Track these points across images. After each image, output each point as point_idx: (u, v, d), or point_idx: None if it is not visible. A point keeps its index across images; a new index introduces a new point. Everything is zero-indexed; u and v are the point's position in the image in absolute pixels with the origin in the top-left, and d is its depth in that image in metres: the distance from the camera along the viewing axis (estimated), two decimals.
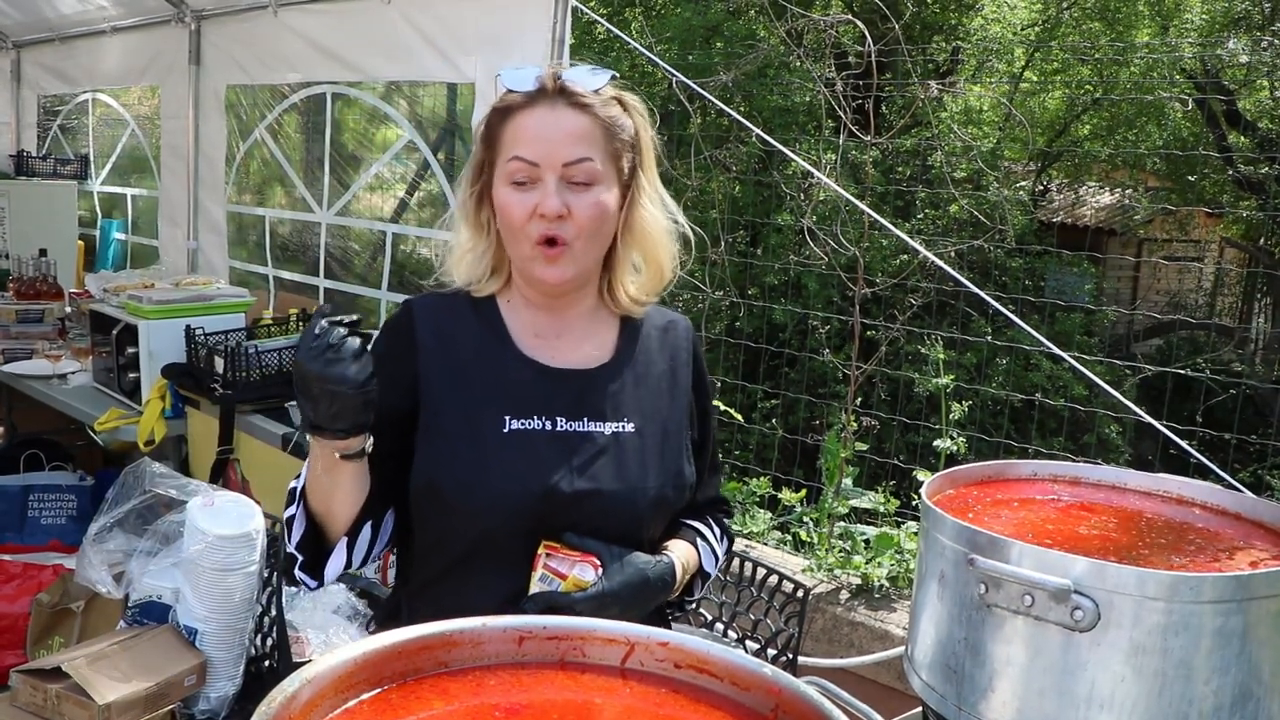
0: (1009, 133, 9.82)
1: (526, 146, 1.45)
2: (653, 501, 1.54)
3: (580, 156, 1.45)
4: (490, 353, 1.54)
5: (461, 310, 1.57)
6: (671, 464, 1.57)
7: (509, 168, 1.46)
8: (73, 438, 4.43)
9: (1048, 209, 11.34)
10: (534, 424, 1.50)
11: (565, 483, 1.47)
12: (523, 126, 1.47)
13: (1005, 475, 1.47)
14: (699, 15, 9.17)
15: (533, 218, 1.45)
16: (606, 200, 1.48)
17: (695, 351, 1.68)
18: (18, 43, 6.17)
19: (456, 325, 1.56)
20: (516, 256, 1.52)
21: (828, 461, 3.69)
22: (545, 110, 1.47)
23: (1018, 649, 1.13)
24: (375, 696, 0.93)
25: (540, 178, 1.45)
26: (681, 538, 1.63)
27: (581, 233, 1.46)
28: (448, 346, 1.54)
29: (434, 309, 1.58)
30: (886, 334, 4.10)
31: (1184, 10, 10.27)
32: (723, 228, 5.08)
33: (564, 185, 1.45)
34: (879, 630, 3.13)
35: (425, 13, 3.69)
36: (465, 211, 1.57)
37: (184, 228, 5.04)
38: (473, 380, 1.52)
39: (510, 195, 1.46)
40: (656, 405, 1.58)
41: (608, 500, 1.49)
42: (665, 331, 1.65)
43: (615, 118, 1.50)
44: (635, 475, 1.52)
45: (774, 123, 8.24)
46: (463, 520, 1.47)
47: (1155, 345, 10.64)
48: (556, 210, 1.43)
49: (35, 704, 2.63)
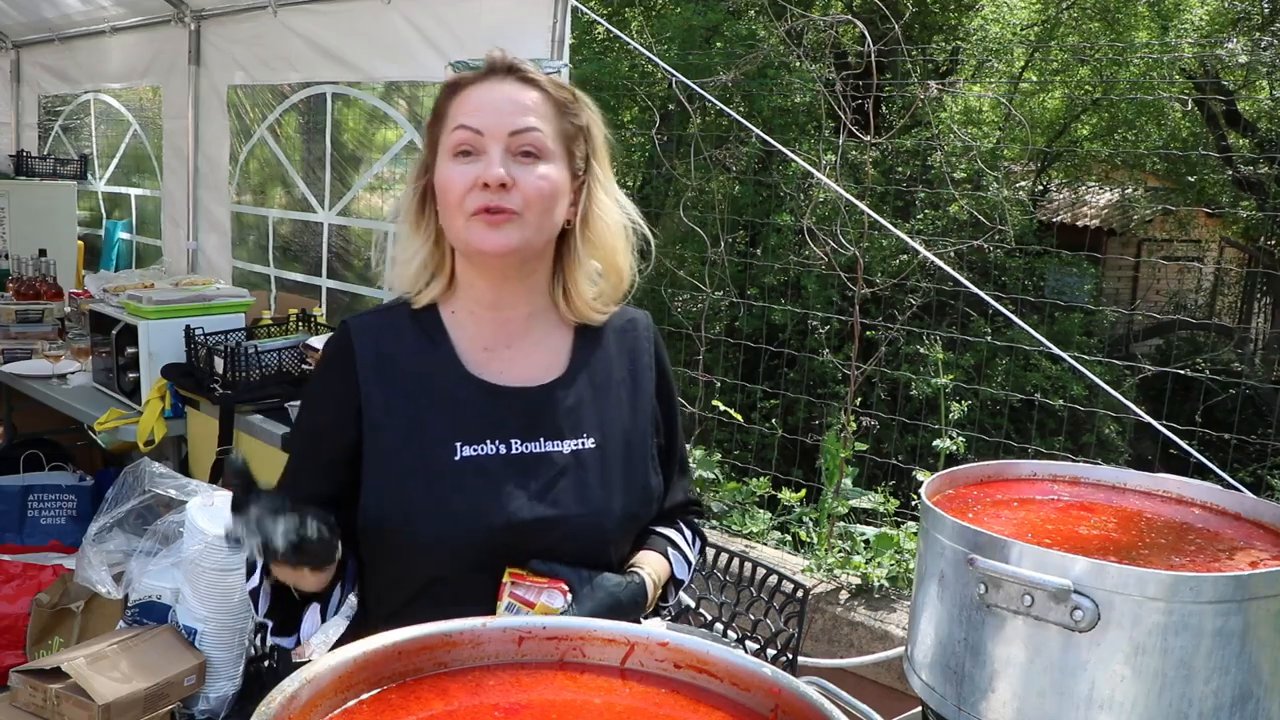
0: (1009, 133, 9.82)
1: (472, 115, 1.37)
2: (619, 521, 1.46)
3: (528, 125, 1.37)
4: (435, 373, 1.44)
5: (402, 327, 1.47)
6: (637, 479, 1.49)
7: (453, 139, 1.38)
8: (72, 438, 4.43)
9: (1048, 209, 11.34)
10: (487, 449, 1.40)
11: (525, 510, 1.39)
12: (469, 98, 1.39)
13: (1005, 475, 1.47)
14: (699, 15, 9.17)
15: (474, 188, 1.35)
16: (555, 176, 1.38)
17: (658, 351, 1.59)
18: (17, 43, 6.17)
19: (398, 345, 1.45)
20: (455, 232, 1.40)
21: (827, 461, 3.69)
22: (494, 83, 1.40)
23: (1018, 649, 1.13)
24: (375, 696, 0.93)
25: (484, 148, 1.36)
26: (652, 548, 1.55)
27: (528, 204, 1.36)
28: (390, 370, 1.44)
29: (373, 328, 1.47)
30: (886, 334, 4.11)
31: (1184, 10, 10.27)
32: (722, 228, 5.08)
33: (509, 156, 1.36)
34: (879, 630, 3.13)
35: (425, 13, 3.69)
36: (407, 209, 1.47)
37: (185, 228, 5.05)
38: (418, 405, 1.42)
39: (452, 169, 1.37)
40: (618, 417, 1.49)
41: (572, 525, 1.41)
42: (624, 333, 1.55)
43: (567, 99, 1.43)
44: (599, 495, 1.44)
45: (774, 123, 8.24)
46: (417, 558, 1.39)
47: (1155, 345, 10.64)
48: (500, 178, 1.34)
49: (35, 704, 2.63)
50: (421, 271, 1.46)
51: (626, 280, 1.52)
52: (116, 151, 6.03)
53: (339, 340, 1.49)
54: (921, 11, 9.91)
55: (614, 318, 1.55)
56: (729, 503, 4.06)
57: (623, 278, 1.51)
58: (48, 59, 6.03)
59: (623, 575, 1.46)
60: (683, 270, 4.97)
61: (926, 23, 10.40)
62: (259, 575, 1.40)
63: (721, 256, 4.54)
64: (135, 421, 3.52)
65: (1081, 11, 10.68)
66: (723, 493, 4.10)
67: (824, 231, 4.01)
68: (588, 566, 1.41)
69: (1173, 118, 10.50)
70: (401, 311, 1.48)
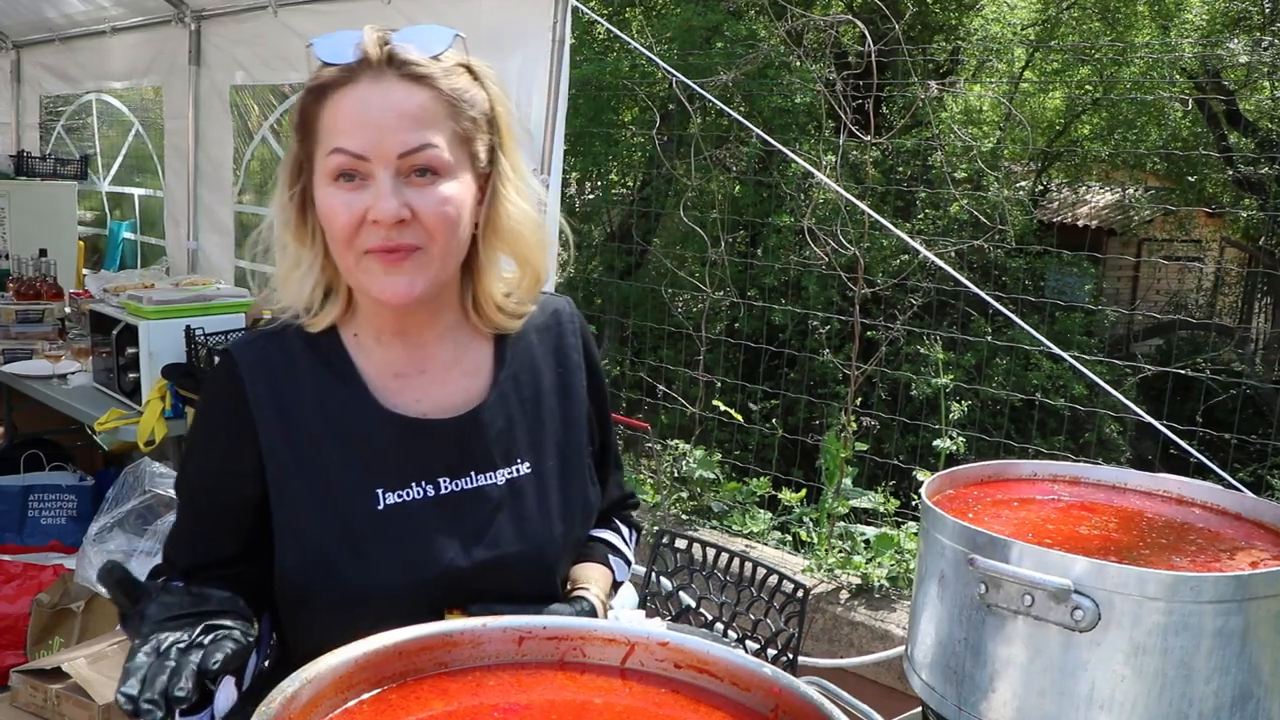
0: (1009, 133, 9.82)
1: (350, 135, 1.14)
2: (562, 549, 1.34)
3: (421, 143, 1.15)
4: (345, 410, 1.24)
5: (297, 354, 1.25)
6: (577, 496, 1.36)
7: (330, 163, 1.16)
8: (73, 438, 4.43)
9: (1048, 209, 11.34)
10: (413, 493, 1.23)
11: (461, 557, 1.23)
12: (344, 110, 1.16)
13: (1005, 475, 1.47)
14: (699, 16, 9.17)
15: (364, 225, 1.15)
16: (457, 194, 1.18)
17: (585, 343, 1.42)
18: (18, 43, 6.17)
19: (297, 378, 1.24)
20: (347, 270, 1.20)
21: (827, 461, 3.69)
22: (370, 86, 1.15)
23: (1018, 649, 1.13)
24: (375, 697, 0.93)
25: (371, 173, 1.14)
26: (591, 558, 1.43)
27: (433, 237, 1.16)
28: (289, 409, 1.23)
29: (264, 359, 1.25)
30: (886, 334, 4.11)
31: (1184, 10, 10.27)
32: (723, 228, 5.08)
33: (401, 181, 1.15)
34: (879, 630, 3.13)
35: (425, 13, 3.69)
36: (285, 218, 1.24)
37: (186, 228, 5.05)
38: (329, 451, 1.22)
39: (334, 196, 1.16)
40: (551, 432, 1.34)
41: (514, 564, 1.27)
42: (547, 330, 1.38)
43: (462, 90, 1.19)
44: (539, 526, 1.30)
45: (774, 123, 8.24)
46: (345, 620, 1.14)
47: (1155, 345, 10.65)
48: (394, 214, 1.13)
49: (35, 704, 2.64)
50: (314, 291, 1.25)
51: (543, 273, 1.34)
52: (119, 151, 6.04)
53: (225, 376, 1.25)
54: (922, 11, 9.91)
55: (534, 314, 1.37)
56: (729, 503, 4.06)
57: (538, 271, 1.33)
58: (48, 59, 6.04)
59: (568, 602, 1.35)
60: (683, 270, 4.98)
61: (927, 23, 10.40)
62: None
63: (722, 256, 4.54)
64: (135, 422, 3.52)
65: (1081, 11, 10.67)
66: (723, 493, 4.10)
67: (824, 231, 4.01)
68: (533, 601, 1.28)
69: (1173, 118, 10.50)
70: (294, 335, 1.26)
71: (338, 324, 1.28)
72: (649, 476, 4.51)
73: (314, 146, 1.19)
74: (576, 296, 7.65)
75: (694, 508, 4.05)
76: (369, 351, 1.27)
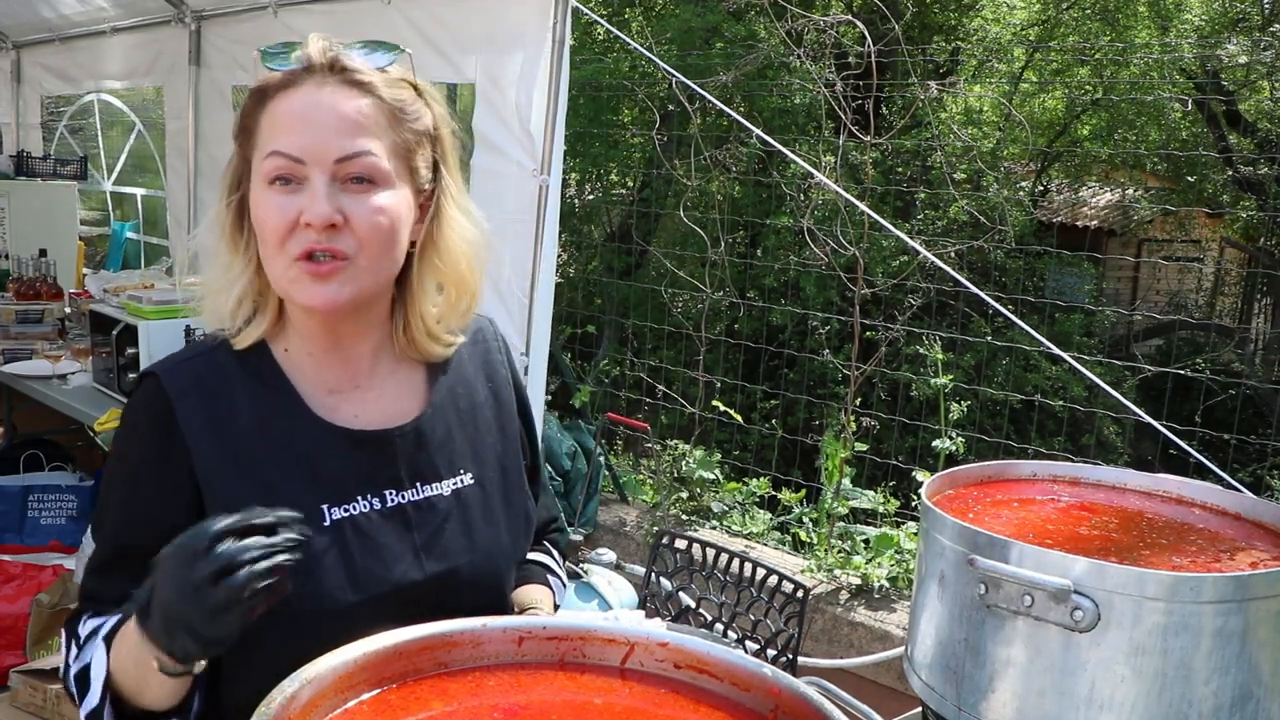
0: (1009, 133, 9.83)
1: (288, 137, 1.13)
2: (509, 557, 1.32)
3: (358, 150, 1.13)
4: (281, 426, 1.20)
5: (228, 373, 1.21)
6: (519, 508, 1.35)
7: (266, 166, 1.14)
8: (72, 438, 4.43)
9: (1047, 209, 11.34)
10: (360, 506, 1.20)
11: (414, 569, 1.21)
12: (283, 112, 1.15)
13: (1005, 475, 1.47)
14: (699, 17, 9.17)
15: (296, 228, 1.13)
16: (393, 205, 1.16)
17: (510, 362, 1.41)
18: (18, 43, 6.17)
19: (228, 396, 1.20)
20: (275, 276, 1.17)
21: (827, 462, 3.69)
22: (312, 90, 1.15)
23: (1017, 649, 1.13)
24: (375, 697, 0.93)
25: (306, 176, 1.13)
26: (532, 579, 1.42)
27: (363, 246, 1.14)
28: (224, 431, 1.18)
29: (193, 380, 1.20)
30: (886, 334, 4.11)
31: (1183, 11, 10.27)
32: (722, 228, 5.08)
33: (336, 187, 1.13)
34: (879, 631, 3.13)
35: (425, 13, 3.69)
36: (220, 227, 1.22)
37: (187, 228, 5.05)
38: (267, 469, 1.18)
39: (269, 198, 1.14)
40: (490, 444, 1.33)
41: (467, 574, 1.25)
42: (475, 345, 1.36)
43: (405, 102, 1.19)
44: (487, 535, 1.28)
45: (774, 124, 8.24)
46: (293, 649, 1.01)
47: (1155, 345, 10.65)
48: (326, 218, 1.11)
49: (35, 704, 2.64)
50: (242, 305, 1.22)
51: (475, 300, 1.31)
52: (121, 152, 6.04)
53: (151, 401, 1.19)
54: (921, 12, 9.92)
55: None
56: (729, 503, 4.06)
57: (473, 297, 1.30)
58: (49, 59, 6.04)
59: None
60: (683, 271, 4.98)
61: (926, 23, 10.40)
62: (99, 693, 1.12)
63: (721, 257, 4.54)
64: None
65: (1081, 11, 10.68)
66: (723, 493, 4.10)
67: (824, 232, 4.01)
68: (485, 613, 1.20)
69: (1173, 118, 10.50)
70: (222, 353, 1.23)
71: (267, 340, 1.24)
72: (649, 477, 4.51)
73: (252, 150, 1.18)
74: (576, 296, 7.66)
75: (694, 508, 4.05)
76: (301, 368, 1.24)
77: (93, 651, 1.15)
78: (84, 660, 1.16)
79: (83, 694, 1.15)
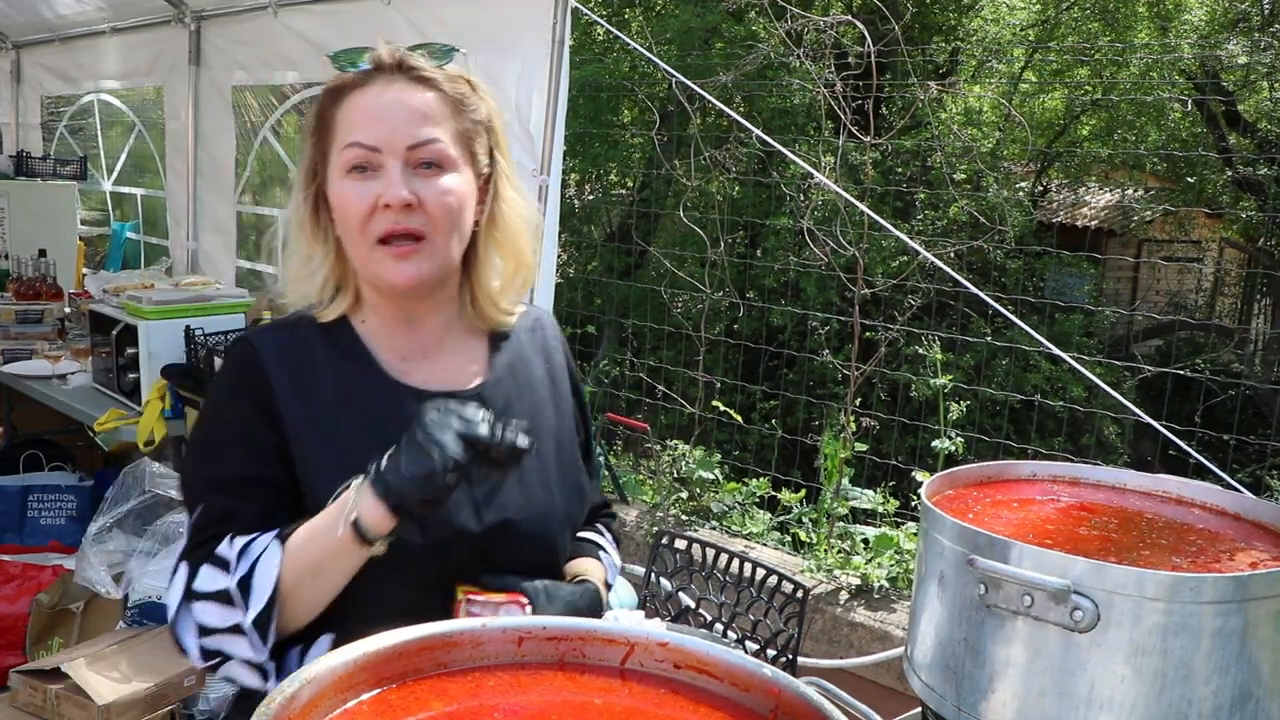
0: (1009, 133, 9.83)
1: (364, 130, 1.27)
2: (563, 521, 1.43)
3: (427, 137, 1.27)
4: (359, 388, 1.34)
5: (312, 341, 1.36)
6: (571, 478, 1.46)
7: (345, 156, 1.28)
8: (72, 438, 4.43)
9: (1047, 209, 11.34)
10: None
11: (473, 520, 1.32)
12: (358, 107, 1.28)
13: (1005, 476, 1.47)
14: (698, 17, 9.18)
15: (376, 211, 1.26)
16: (458, 187, 1.30)
17: (565, 351, 1.54)
18: (18, 43, 6.17)
19: (311, 362, 1.34)
20: (359, 260, 1.31)
21: (827, 462, 3.69)
22: (383, 87, 1.29)
23: (1017, 649, 1.13)
24: (375, 697, 0.93)
25: (382, 164, 1.26)
26: (585, 554, 1.51)
27: (437, 225, 1.28)
28: (308, 391, 1.32)
29: (282, 345, 1.35)
30: (886, 335, 4.11)
31: (1183, 11, 10.28)
32: (722, 229, 5.09)
33: (409, 171, 1.27)
34: (879, 631, 3.13)
35: (425, 13, 3.69)
36: (300, 219, 1.35)
37: (187, 228, 5.05)
38: (346, 425, 1.32)
39: (348, 187, 1.27)
40: (544, 416, 1.45)
41: (521, 529, 1.36)
42: (533, 332, 1.50)
43: (464, 94, 1.33)
44: (541, 497, 1.39)
45: (774, 124, 8.24)
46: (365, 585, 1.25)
47: (1155, 346, 10.65)
48: (403, 199, 1.25)
49: (35, 704, 2.64)
50: (325, 286, 1.37)
51: (531, 272, 1.46)
52: (121, 152, 6.04)
53: (246, 363, 1.34)
54: (921, 12, 9.92)
55: (520, 319, 1.49)
56: (729, 503, 4.06)
57: (530, 270, 1.45)
58: (49, 59, 6.04)
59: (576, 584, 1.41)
60: (682, 271, 4.98)
61: (926, 23, 10.41)
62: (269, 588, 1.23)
63: (721, 257, 4.54)
64: (135, 422, 3.52)
65: (1081, 12, 10.68)
66: (723, 493, 4.10)
67: (824, 232, 4.01)
68: (539, 573, 1.36)
69: (1172, 118, 10.51)
70: (305, 326, 1.37)
71: (348, 314, 1.38)
72: (648, 477, 4.51)
73: (329, 144, 1.31)
74: (576, 296, 7.66)
75: (693, 508, 4.05)
76: (378, 338, 1.38)
77: (259, 552, 1.24)
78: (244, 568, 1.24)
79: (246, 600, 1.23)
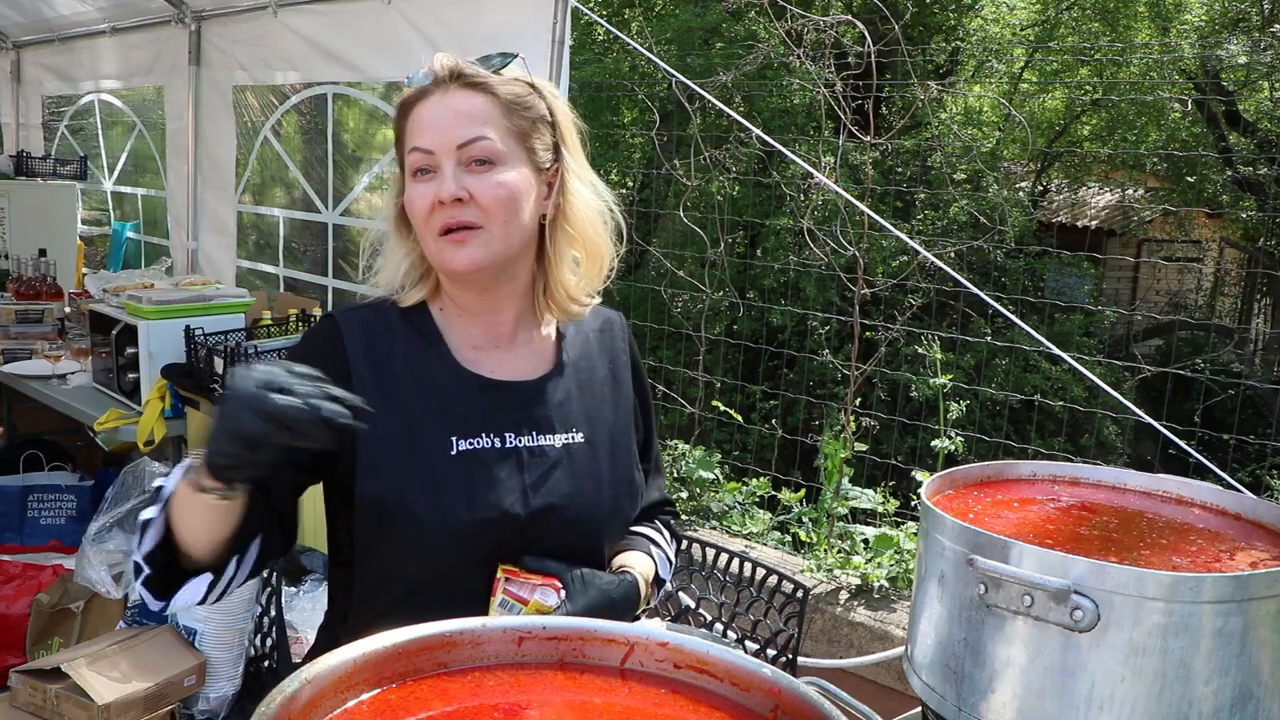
0: (1009, 133, 9.83)
1: (422, 136, 1.39)
2: (609, 513, 1.49)
3: (475, 136, 1.37)
4: (428, 368, 1.44)
5: (391, 322, 1.47)
6: (623, 473, 1.52)
7: (410, 161, 1.41)
8: (72, 438, 4.43)
9: (1047, 209, 11.34)
10: (483, 442, 1.41)
11: (520, 503, 1.40)
12: (418, 118, 1.41)
13: (1005, 476, 1.47)
14: (698, 17, 9.18)
15: (435, 208, 1.38)
16: (512, 180, 1.39)
17: (632, 349, 1.63)
18: (18, 43, 6.17)
19: (388, 339, 1.46)
20: (429, 252, 1.43)
21: (827, 462, 3.69)
22: (440, 96, 1.40)
23: (1017, 650, 1.13)
24: (375, 697, 0.93)
25: (438, 165, 1.38)
26: (635, 548, 1.56)
27: (489, 215, 1.38)
28: (381, 364, 1.43)
29: (362, 322, 1.47)
30: (886, 334, 4.11)
31: (1183, 11, 10.27)
32: (722, 229, 5.08)
33: (462, 169, 1.37)
34: (879, 631, 3.13)
35: (425, 13, 3.69)
36: (390, 221, 1.50)
37: (187, 228, 5.05)
38: (412, 400, 1.42)
39: (414, 188, 1.40)
40: (602, 413, 1.52)
41: (566, 516, 1.43)
42: (602, 332, 1.59)
43: (519, 95, 1.42)
44: (590, 488, 1.46)
45: (774, 124, 8.24)
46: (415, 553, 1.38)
47: (1155, 346, 10.65)
48: (453, 194, 1.36)
49: (35, 704, 2.64)
50: (409, 274, 1.49)
51: (608, 264, 1.52)
52: (122, 152, 6.04)
53: (328, 333, 1.46)
54: (921, 12, 9.92)
55: (590, 319, 1.57)
56: (729, 503, 4.06)
57: (604, 262, 1.51)
58: (49, 59, 6.04)
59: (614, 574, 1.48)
60: (682, 271, 4.97)
61: (926, 23, 10.40)
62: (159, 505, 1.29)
63: (721, 257, 4.54)
64: (135, 422, 3.52)
65: (1081, 12, 10.68)
66: (723, 493, 4.10)
67: (824, 232, 4.01)
68: (581, 561, 1.43)
69: (1172, 118, 10.50)
70: (388, 308, 1.49)
71: (427, 301, 1.49)
72: None
73: (403, 152, 1.43)
74: None
75: (693, 508, 4.05)
76: (452, 325, 1.48)
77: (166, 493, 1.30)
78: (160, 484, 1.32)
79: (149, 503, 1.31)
